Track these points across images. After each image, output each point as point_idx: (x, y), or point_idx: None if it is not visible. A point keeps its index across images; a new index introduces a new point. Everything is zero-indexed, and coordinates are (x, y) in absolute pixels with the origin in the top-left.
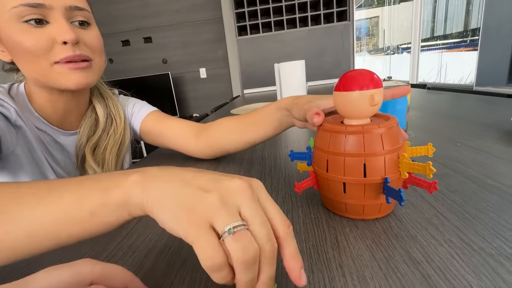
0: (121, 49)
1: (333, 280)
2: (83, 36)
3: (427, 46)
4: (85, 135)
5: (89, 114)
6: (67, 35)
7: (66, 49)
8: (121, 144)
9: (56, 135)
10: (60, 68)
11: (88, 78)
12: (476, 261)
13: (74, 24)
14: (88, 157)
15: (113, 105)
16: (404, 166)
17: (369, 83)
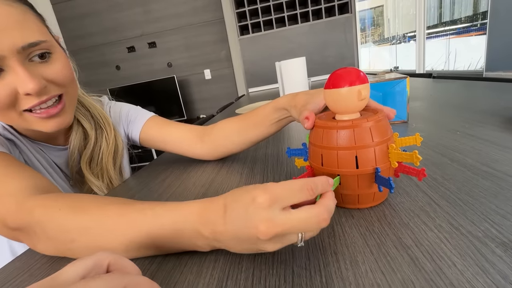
0: (127, 56)
1: (328, 265)
2: (48, 74)
3: (435, 33)
4: (76, 150)
5: (75, 128)
6: (29, 85)
7: (32, 99)
8: (115, 152)
9: (46, 150)
10: (31, 118)
11: (64, 120)
12: (462, 244)
13: (33, 60)
14: (86, 173)
15: (98, 114)
16: (393, 156)
17: (356, 80)
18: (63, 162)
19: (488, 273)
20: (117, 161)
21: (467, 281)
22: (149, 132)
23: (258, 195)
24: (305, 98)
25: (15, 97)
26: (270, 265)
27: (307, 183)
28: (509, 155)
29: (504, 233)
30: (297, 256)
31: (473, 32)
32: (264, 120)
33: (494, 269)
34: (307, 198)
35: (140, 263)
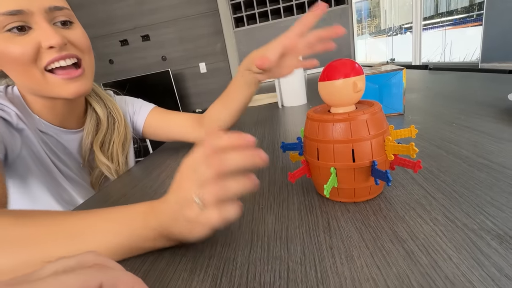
0: (120, 49)
1: (323, 260)
2: (69, 36)
3: (431, 24)
4: (90, 134)
5: (90, 114)
6: (53, 39)
7: (52, 52)
8: (125, 139)
9: (59, 135)
10: (53, 78)
11: (85, 86)
12: (458, 237)
13: (56, 25)
14: (98, 153)
15: (112, 105)
16: (389, 148)
17: (351, 71)
18: (75, 146)
19: (483, 266)
20: (126, 148)
21: (463, 275)
22: (152, 121)
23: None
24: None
25: (38, 51)
26: (265, 261)
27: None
28: (504, 147)
29: (499, 225)
30: (292, 251)
31: (469, 23)
32: (235, 87)
33: (489, 262)
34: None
35: (132, 262)
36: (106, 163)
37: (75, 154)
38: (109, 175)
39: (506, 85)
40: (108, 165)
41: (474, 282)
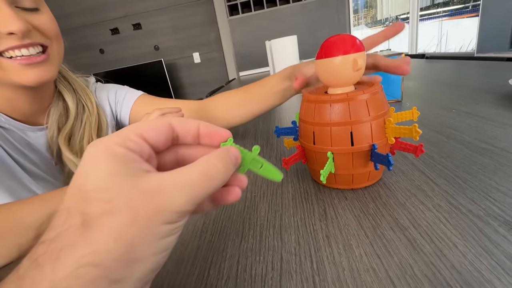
0: (111, 38)
1: (319, 250)
2: (34, 21)
3: (427, 15)
4: (55, 125)
5: (55, 102)
6: (14, 24)
7: (12, 39)
8: (99, 130)
9: (23, 132)
10: (9, 63)
11: (48, 73)
12: (463, 223)
13: (19, 7)
14: (63, 148)
15: (80, 89)
16: (390, 131)
17: (351, 48)
18: (43, 143)
19: (492, 254)
20: None
21: (470, 263)
22: (139, 111)
23: None
24: (306, 64)
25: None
26: (257, 252)
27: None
28: (507, 131)
29: (506, 211)
30: (286, 241)
31: (465, 14)
32: (270, 90)
33: (498, 250)
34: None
35: None
36: (73, 160)
37: (44, 152)
38: None
39: (505, 72)
40: (75, 163)
41: (483, 271)
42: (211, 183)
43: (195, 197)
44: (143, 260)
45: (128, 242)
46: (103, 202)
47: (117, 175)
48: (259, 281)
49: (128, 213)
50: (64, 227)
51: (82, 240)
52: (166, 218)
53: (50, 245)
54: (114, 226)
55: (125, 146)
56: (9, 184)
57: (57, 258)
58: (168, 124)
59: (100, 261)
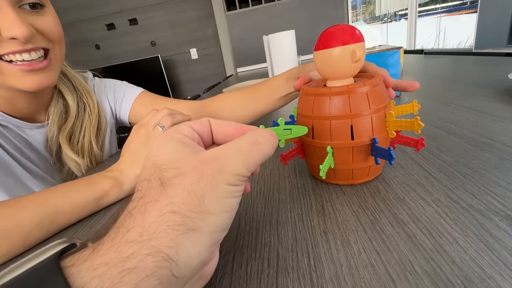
0: (107, 34)
1: (317, 246)
2: (38, 24)
3: (426, 11)
4: (55, 124)
5: (55, 100)
6: (16, 29)
7: (14, 44)
8: (98, 129)
9: (21, 129)
10: (9, 68)
11: (49, 79)
12: (464, 218)
13: (24, 8)
14: (65, 147)
15: (82, 88)
16: (391, 124)
17: (349, 38)
18: (41, 141)
19: (493, 250)
20: (100, 139)
21: (471, 259)
22: (139, 111)
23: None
24: (312, 65)
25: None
26: (253, 248)
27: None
28: (506, 126)
29: (507, 205)
30: (283, 237)
31: (463, 10)
32: (275, 91)
33: (499, 245)
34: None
35: None
36: (75, 159)
37: (42, 151)
38: (77, 172)
39: (504, 67)
40: (76, 161)
41: (484, 267)
42: (260, 148)
43: (248, 161)
44: (212, 213)
45: (198, 195)
46: (173, 169)
47: (180, 151)
48: (254, 278)
49: (195, 173)
50: (147, 188)
51: (162, 195)
52: (227, 179)
53: (139, 201)
54: (185, 183)
55: (180, 133)
56: (7, 182)
57: (145, 210)
58: (207, 120)
59: (178, 209)
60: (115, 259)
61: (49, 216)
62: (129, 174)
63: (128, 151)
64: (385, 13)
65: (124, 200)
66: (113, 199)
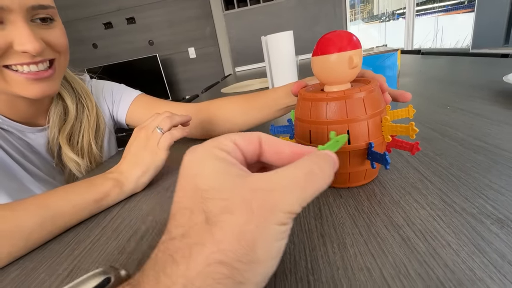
0: (104, 33)
1: (314, 249)
2: (48, 37)
3: (423, 10)
4: (56, 126)
5: (55, 103)
6: (29, 44)
7: (24, 57)
8: (97, 130)
9: (22, 133)
10: (15, 76)
11: (52, 87)
12: (456, 222)
13: (35, 22)
14: (65, 148)
15: (80, 90)
16: (387, 129)
17: (347, 45)
18: (43, 143)
19: (484, 253)
20: (99, 140)
21: (463, 262)
22: (136, 113)
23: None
24: (312, 78)
25: (5, 51)
26: None
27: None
28: (500, 129)
29: (499, 209)
30: None
31: (460, 10)
32: (273, 104)
33: (490, 248)
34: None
35: (113, 248)
36: (75, 159)
37: (43, 153)
38: (78, 173)
39: (499, 68)
40: (77, 162)
41: (475, 269)
42: (316, 181)
43: (303, 197)
44: (262, 262)
45: (249, 242)
46: (220, 200)
47: (226, 174)
48: None
49: (245, 211)
50: (190, 224)
51: (209, 237)
52: (279, 218)
53: (181, 241)
54: (234, 224)
55: (222, 149)
56: (10, 186)
57: (190, 255)
58: (257, 137)
59: (226, 259)
60: None
61: (50, 217)
62: (129, 175)
63: (129, 153)
64: (383, 12)
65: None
66: (113, 200)
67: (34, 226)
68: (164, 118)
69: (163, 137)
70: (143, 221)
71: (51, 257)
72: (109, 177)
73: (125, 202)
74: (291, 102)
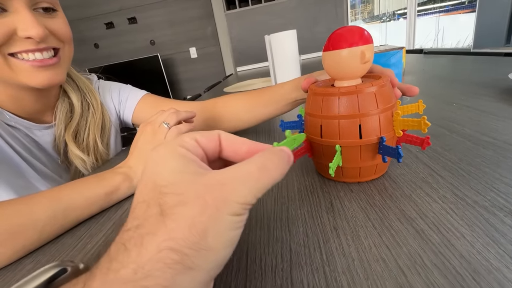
0: (106, 33)
1: (328, 241)
2: (51, 26)
3: (424, 10)
4: (62, 123)
5: (61, 100)
6: (32, 29)
7: (28, 44)
8: (102, 128)
9: (29, 130)
10: (20, 64)
11: (58, 76)
12: (469, 214)
13: (37, 11)
14: (71, 145)
15: (85, 88)
16: (398, 123)
17: (358, 40)
18: (49, 141)
19: (499, 244)
20: (105, 138)
21: (478, 252)
22: (142, 112)
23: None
24: (321, 72)
25: (10, 37)
26: (265, 244)
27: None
28: (507, 124)
29: (511, 201)
30: (294, 233)
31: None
32: (281, 99)
33: (505, 239)
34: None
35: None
36: (81, 156)
37: (50, 151)
38: (84, 170)
39: (503, 67)
40: (83, 159)
41: (491, 260)
42: (269, 175)
43: (255, 188)
44: (214, 250)
45: (200, 231)
46: (175, 195)
47: (183, 172)
48: (269, 272)
49: (198, 203)
50: (145, 217)
51: (161, 227)
52: (232, 208)
53: (135, 232)
54: (187, 215)
55: (183, 147)
56: (17, 184)
57: (142, 243)
58: (217, 134)
59: (177, 246)
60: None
61: (62, 210)
62: (137, 170)
63: (136, 148)
64: (384, 13)
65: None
66: (123, 194)
67: (47, 219)
68: (170, 113)
69: (170, 131)
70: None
71: (64, 251)
72: (119, 172)
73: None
74: (299, 96)
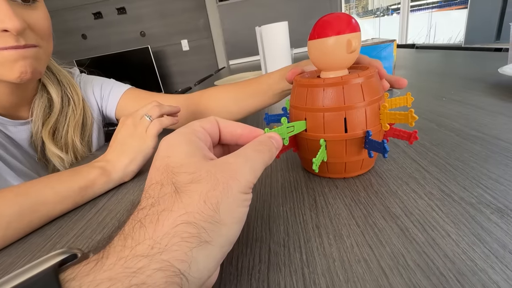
0: (94, 23)
1: (309, 240)
2: (29, 18)
3: (417, 6)
4: (40, 119)
5: (39, 95)
6: (9, 21)
7: (6, 38)
8: (83, 125)
9: (3, 126)
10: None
11: (35, 67)
12: (455, 211)
13: (15, 1)
14: (48, 143)
15: (66, 81)
16: (385, 117)
17: (345, 28)
18: (25, 138)
19: (485, 242)
20: (85, 135)
21: (463, 252)
22: (126, 107)
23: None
24: (308, 62)
25: None
26: (243, 244)
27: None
28: (497, 119)
29: (498, 198)
30: (274, 232)
31: (454, 6)
32: (268, 89)
33: (491, 238)
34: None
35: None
36: (59, 154)
37: (26, 148)
38: (62, 169)
39: (493, 62)
40: (61, 157)
41: (476, 260)
42: (262, 156)
43: (255, 168)
44: (225, 224)
45: (214, 204)
46: (188, 174)
47: (194, 156)
48: (245, 273)
49: (210, 180)
50: (160, 195)
51: (177, 203)
52: (240, 186)
53: (150, 210)
54: (201, 190)
55: (195, 135)
56: None
57: (158, 220)
58: (215, 119)
59: (193, 219)
60: (121, 273)
61: (30, 205)
62: (116, 164)
63: (115, 141)
64: (378, 7)
65: (126, 207)
66: (100, 189)
67: (12, 214)
68: (153, 106)
69: (152, 124)
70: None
71: (31, 251)
72: (96, 166)
73: (112, 194)
74: (286, 87)
